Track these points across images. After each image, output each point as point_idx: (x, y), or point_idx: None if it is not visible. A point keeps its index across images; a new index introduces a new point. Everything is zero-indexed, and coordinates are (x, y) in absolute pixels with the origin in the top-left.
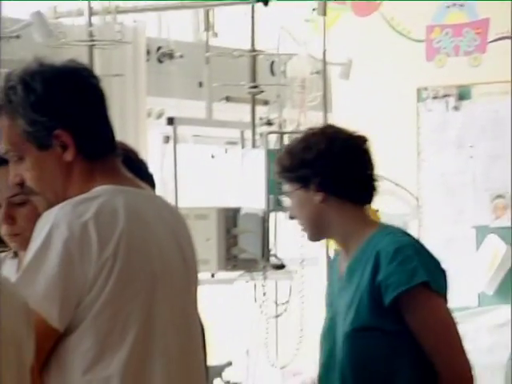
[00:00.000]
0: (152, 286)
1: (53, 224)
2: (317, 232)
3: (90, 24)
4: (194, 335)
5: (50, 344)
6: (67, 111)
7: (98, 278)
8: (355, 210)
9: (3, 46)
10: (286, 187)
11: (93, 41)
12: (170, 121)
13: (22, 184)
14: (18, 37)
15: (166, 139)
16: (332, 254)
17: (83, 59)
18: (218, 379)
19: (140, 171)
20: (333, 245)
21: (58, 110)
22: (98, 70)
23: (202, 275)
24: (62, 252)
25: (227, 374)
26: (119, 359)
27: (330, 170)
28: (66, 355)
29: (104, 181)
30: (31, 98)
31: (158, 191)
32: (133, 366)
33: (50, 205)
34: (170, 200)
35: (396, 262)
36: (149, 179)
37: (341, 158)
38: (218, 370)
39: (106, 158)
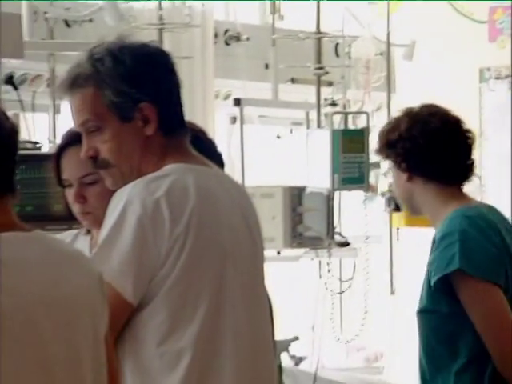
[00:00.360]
0: (222, 262)
1: (126, 201)
2: (411, 209)
3: (160, 8)
4: (263, 310)
5: (125, 318)
6: (153, 85)
7: (170, 254)
8: (440, 189)
9: (76, 30)
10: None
11: (162, 24)
12: (237, 102)
13: (94, 158)
14: (90, 20)
15: (233, 120)
16: (395, 232)
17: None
18: (285, 353)
19: (209, 151)
20: (396, 223)
21: (145, 84)
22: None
23: (268, 253)
24: (136, 228)
25: (294, 348)
26: (191, 332)
27: (411, 152)
28: (140, 329)
29: (175, 159)
30: (120, 69)
31: (226, 170)
32: (204, 339)
33: (122, 179)
34: (237, 179)
35: (440, 249)
36: (217, 158)
37: (420, 139)
38: (285, 345)
39: (179, 136)
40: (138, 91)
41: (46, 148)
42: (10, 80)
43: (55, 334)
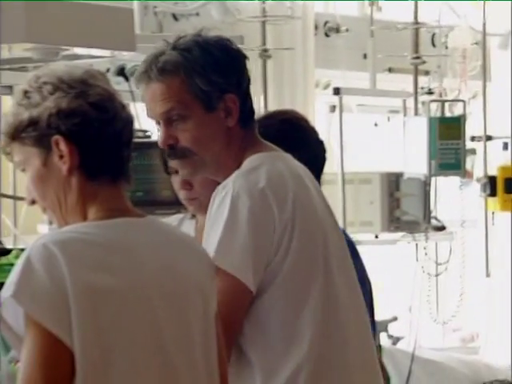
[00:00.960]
0: (325, 243)
1: (233, 196)
2: None
3: (264, 1)
4: (358, 289)
5: (248, 306)
6: (237, 78)
7: (281, 241)
8: None
9: (184, 23)
10: None
11: (265, 17)
12: (336, 91)
13: (173, 146)
14: (197, 14)
15: (332, 108)
16: (490, 217)
17: (256, 34)
18: (384, 333)
19: (310, 138)
20: (491, 207)
21: (231, 75)
22: (269, 44)
23: (366, 236)
24: (250, 220)
25: (392, 328)
26: (309, 312)
27: None
28: (260, 315)
29: (255, 149)
30: (208, 58)
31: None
32: (321, 316)
33: (201, 168)
34: (336, 165)
35: None
36: (319, 145)
37: None
38: (384, 325)
39: (253, 127)
40: (225, 82)
41: (155, 136)
42: (121, 72)
43: (168, 314)
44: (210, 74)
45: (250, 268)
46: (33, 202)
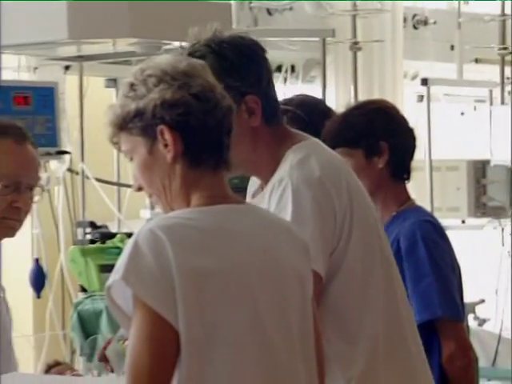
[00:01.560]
0: (378, 232)
1: (293, 189)
2: None
3: None
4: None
5: (320, 292)
6: (255, 77)
7: (342, 228)
8: None
9: (277, 18)
10: None
11: (356, 10)
12: (424, 81)
13: None
14: (290, 9)
15: (420, 98)
16: None
17: (347, 27)
18: (471, 315)
19: (401, 126)
20: None
21: (248, 76)
22: (360, 37)
23: (453, 221)
24: (314, 209)
25: (479, 310)
26: (378, 292)
27: None
28: (329, 301)
29: (290, 140)
30: (224, 64)
31: None
32: (383, 303)
33: (234, 170)
34: (424, 153)
35: None
36: (410, 133)
37: None
38: (472, 307)
39: (280, 122)
40: (242, 84)
41: None
42: None
43: (267, 296)
44: (226, 79)
45: (320, 255)
46: (139, 189)
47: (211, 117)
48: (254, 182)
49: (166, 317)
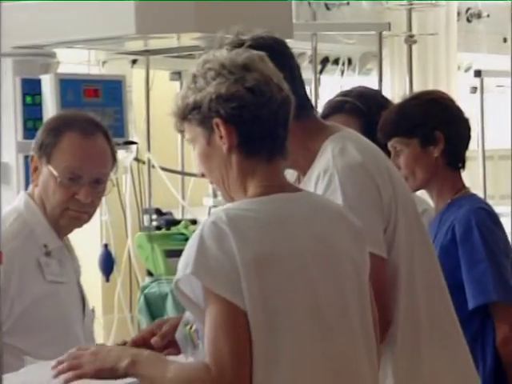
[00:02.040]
0: (417, 218)
1: (339, 178)
2: None
3: None
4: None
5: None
6: (287, 76)
7: (390, 210)
8: None
9: (335, 12)
10: None
11: (411, 4)
12: (478, 73)
13: None
14: (347, 3)
15: (473, 90)
16: None
17: (402, 21)
18: None
19: (456, 117)
20: None
21: (288, 73)
22: (415, 30)
23: (506, 209)
24: (363, 194)
25: None
26: (423, 274)
27: None
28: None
29: (325, 132)
30: None
31: None
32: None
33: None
34: (477, 143)
35: None
36: (465, 123)
37: None
38: None
39: (313, 114)
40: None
41: None
42: None
43: (324, 281)
44: None
45: (379, 238)
46: (203, 175)
47: (265, 110)
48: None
49: (238, 305)
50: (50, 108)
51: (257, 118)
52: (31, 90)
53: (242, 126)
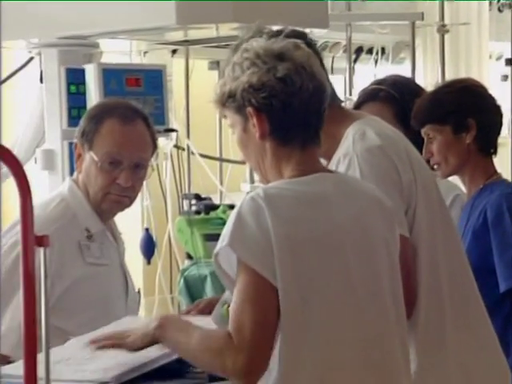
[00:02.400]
0: (440, 203)
1: (358, 161)
2: None
3: None
4: None
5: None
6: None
7: (410, 193)
8: None
9: (369, 4)
10: None
11: None
12: (509, 62)
13: None
14: None
15: (504, 78)
16: None
17: (435, 11)
18: None
19: (488, 104)
20: None
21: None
22: (447, 20)
23: None
24: (381, 176)
25: None
26: (446, 257)
27: None
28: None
29: (347, 120)
30: None
31: None
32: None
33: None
34: (507, 130)
35: None
36: (497, 110)
37: None
38: None
39: (334, 103)
40: None
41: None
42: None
43: (358, 261)
44: None
45: (402, 219)
46: (243, 161)
47: (295, 98)
48: None
49: (268, 279)
50: (94, 96)
51: (287, 106)
52: (75, 79)
53: (273, 114)
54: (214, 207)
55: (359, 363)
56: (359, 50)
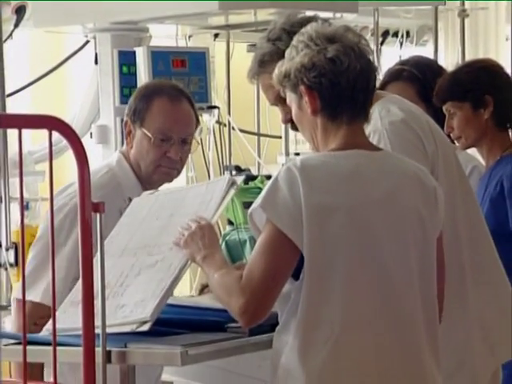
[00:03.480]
0: (461, 177)
1: (388, 136)
2: None
3: None
4: None
5: None
6: None
7: (434, 165)
8: None
9: None
10: None
11: None
12: None
13: (292, 120)
14: None
15: None
16: None
17: None
18: None
19: (505, 82)
20: None
21: None
22: (467, 5)
23: None
24: (409, 148)
25: None
26: (466, 224)
27: None
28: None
29: (374, 98)
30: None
31: None
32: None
33: None
34: None
35: None
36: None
37: None
38: None
39: None
40: None
41: None
42: None
43: (387, 235)
44: None
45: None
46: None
47: (343, 77)
48: None
49: (291, 237)
50: (143, 76)
51: (336, 84)
52: (127, 60)
53: (323, 92)
54: (253, 178)
55: (378, 327)
56: (386, 34)
